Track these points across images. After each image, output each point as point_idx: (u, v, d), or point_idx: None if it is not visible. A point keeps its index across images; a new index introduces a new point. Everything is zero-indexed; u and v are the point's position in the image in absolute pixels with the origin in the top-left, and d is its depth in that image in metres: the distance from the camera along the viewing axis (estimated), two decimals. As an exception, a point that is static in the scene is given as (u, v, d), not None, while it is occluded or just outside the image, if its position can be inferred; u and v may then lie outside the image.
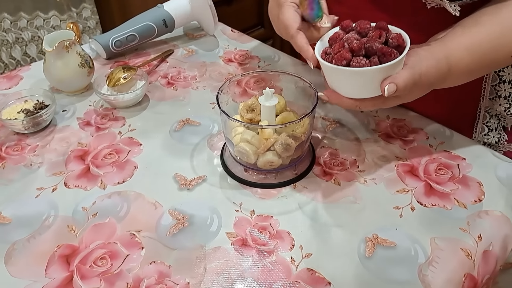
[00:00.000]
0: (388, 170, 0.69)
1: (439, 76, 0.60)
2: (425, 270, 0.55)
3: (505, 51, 0.61)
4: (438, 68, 0.59)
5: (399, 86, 0.55)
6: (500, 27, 0.61)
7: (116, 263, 0.56)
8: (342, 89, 0.59)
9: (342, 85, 0.58)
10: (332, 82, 0.60)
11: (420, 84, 0.58)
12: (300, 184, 0.67)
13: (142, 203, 0.64)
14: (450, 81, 0.63)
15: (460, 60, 0.60)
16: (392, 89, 0.55)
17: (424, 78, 0.58)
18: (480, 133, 0.82)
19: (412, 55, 0.58)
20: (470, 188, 0.65)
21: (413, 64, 0.57)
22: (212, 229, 0.60)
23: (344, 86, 0.58)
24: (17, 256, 0.58)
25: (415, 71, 0.56)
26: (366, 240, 0.58)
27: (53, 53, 0.82)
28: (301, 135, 0.65)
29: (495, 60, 0.62)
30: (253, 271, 0.55)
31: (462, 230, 0.59)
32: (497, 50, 0.61)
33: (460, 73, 0.61)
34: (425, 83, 0.58)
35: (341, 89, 0.59)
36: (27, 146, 0.75)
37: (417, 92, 0.59)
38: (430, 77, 0.58)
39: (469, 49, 0.60)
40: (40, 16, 1.81)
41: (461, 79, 0.64)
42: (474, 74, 0.64)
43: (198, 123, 0.80)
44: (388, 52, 0.54)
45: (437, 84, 0.61)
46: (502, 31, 0.61)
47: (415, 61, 0.57)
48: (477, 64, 0.62)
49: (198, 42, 1.07)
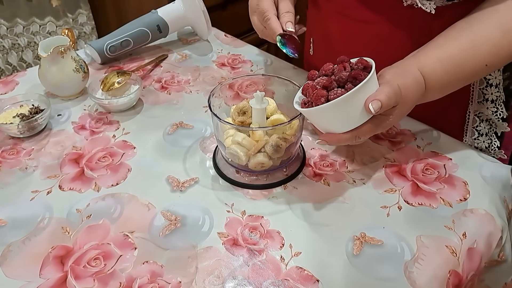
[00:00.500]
0: (376, 170, 0.70)
1: (418, 88, 0.62)
2: (411, 267, 0.56)
3: (478, 61, 0.63)
4: (414, 79, 0.61)
5: (382, 100, 0.56)
6: (471, 39, 0.63)
7: (110, 263, 0.58)
8: (334, 126, 0.60)
9: (332, 122, 0.60)
10: (322, 125, 0.61)
11: (403, 97, 0.59)
12: (290, 185, 0.68)
13: (135, 205, 0.66)
14: (431, 93, 0.64)
15: (432, 71, 0.62)
16: (377, 105, 0.56)
17: (404, 90, 0.59)
18: (470, 137, 0.83)
19: (386, 73, 0.60)
20: (456, 188, 0.67)
21: (389, 79, 0.59)
22: (204, 229, 0.62)
23: (334, 123, 0.60)
24: (12, 257, 0.59)
25: (393, 84, 0.58)
26: (354, 238, 0.60)
27: (48, 58, 0.84)
28: (291, 136, 0.66)
29: (470, 70, 0.64)
30: (243, 270, 0.56)
31: (448, 228, 0.61)
32: (469, 60, 0.63)
33: (437, 84, 0.63)
34: (407, 96, 0.60)
35: (333, 126, 0.60)
36: (22, 150, 0.77)
37: (403, 106, 0.61)
38: (409, 88, 0.60)
39: (442, 60, 0.62)
40: (36, 22, 1.82)
41: (440, 90, 0.65)
42: (452, 84, 0.66)
43: (191, 126, 0.81)
44: (358, 74, 0.57)
45: (419, 97, 0.63)
46: (473, 43, 0.62)
47: (390, 77, 0.60)
48: (451, 75, 0.63)
49: (192, 47, 1.08)
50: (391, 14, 0.73)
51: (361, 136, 0.60)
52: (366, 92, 0.57)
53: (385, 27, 0.75)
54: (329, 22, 0.84)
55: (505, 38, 0.61)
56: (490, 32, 0.62)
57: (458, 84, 0.66)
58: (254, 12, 0.77)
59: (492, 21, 0.62)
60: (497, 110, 0.78)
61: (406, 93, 0.60)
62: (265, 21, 0.72)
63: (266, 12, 0.72)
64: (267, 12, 0.72)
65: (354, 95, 0.56)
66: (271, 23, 0.71)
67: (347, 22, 0.79)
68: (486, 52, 0.62)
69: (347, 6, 0.77)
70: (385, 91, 0.57)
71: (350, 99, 0.56)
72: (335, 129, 0.60)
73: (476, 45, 0.62)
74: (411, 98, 0.61)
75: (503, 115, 0.77)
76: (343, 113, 0.58)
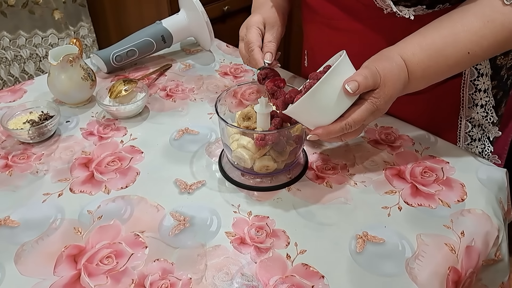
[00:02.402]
0: (377, 173, 0.73)
1: (399, 71, 0.62)
2: (412, 264, 0.59)
3: (460, 48, 0.63)
4: (394, 62, 0.62)
5: (359, 79, 0.58)
6: (451, 26, 0.64)
7: (122, 261, 0.60)
8: (319, 118, 0.60)
9: (316, 114, 0.60)
10: (308, 119, 0.62)
11: (383, 79, 0.60)
12: (294, 187, 0.71)
13: (145, 206, 0.68)
14: (414, 79, 0.64)
15: (412, 54, 0.63)
16: (353, 85, 0.57)
17: (383, 71, 0.60)
18: (463, 142, 0.86)
19: (364, 62, 0.63)
20: (453, 189, 0.69)
21: (367, 64, 0.62)
22: (212, 229, 0.64)
23: (318, 114, 0.60)
24: (26, 256, 0.61)
25: (369, 66, 0.60)
26: (356, 237, 0.62)
27: (58, 66, 0.86)
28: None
29: (453, 58, 0.64)
30: (251, 267, 0.59)
31: (446, 227, 0.63)
32: (450, 46, 0.63)
33: (418, 68, 0.63)
34: (387, 77, 0.61)
35: (319, 118, 0.61)
36: (32, 155, 0.79)
37: (387, 89, 0.61)
38: (388, 70, 0.61)
39: (422, 45, 0.64)
40: (38, 35, 1.85)
41: (423, 75, 0.64)
42: (435, 70, 0.65)
43: (196, 132, 0.84)
44: (324, 71, 0.60)
45: (403, 81, 0.63)
46: (453, 30, 0.63)
47: (368, 63, 0.62)
48: (433, 60, 0.63)
49: (195, 57, 1.11)
50: (374, 24, 0.77)
51: (352, 124, 0.60)
52: (341, 76, 0.58)
53: (370, 35, 0.78)
54: (320, 34, 0.88)
55: (486, 27, 0.62)
56: (470, 21, 0.63)
57: (442, 70, 0.66)
58: (242, 40, 0.82)
59: (473, 12, 0.63)
60: (487, 114, 0.80)
61: (386, 75, 0.61)
62: (250, 52, 0.78)
63: (251, 44, 0.78)
64: (252, 43, 0.78)
65: (329, 80, 0.57)
66: (254, 54, 0.77)
67: (335, 33, 0.83)
68: (466, 40, 0.63)
69: (333, 17, 0.81)
70: (361, 72, 0.59)
71: (325, 85, 0.57)
72: (322, 121, 0.61)
73: (456, 32, 0.63)
74: (392, 80, 0.61)
75: (493, 119, 0.80)
76: (324, 101, 0.59)
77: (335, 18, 0.81)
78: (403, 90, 0.64)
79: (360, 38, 0.79)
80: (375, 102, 0.61)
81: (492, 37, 0.62)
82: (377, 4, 0.71)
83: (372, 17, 0.76)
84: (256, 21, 0.80)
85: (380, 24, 0.76)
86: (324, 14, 0.83)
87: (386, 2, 0.69)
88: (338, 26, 0.81)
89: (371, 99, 0.60)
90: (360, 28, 0.78)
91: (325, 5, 0.81)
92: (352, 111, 0.60)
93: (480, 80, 0.78)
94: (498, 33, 0.62)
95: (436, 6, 0.70)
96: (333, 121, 0.60)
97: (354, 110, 0.60)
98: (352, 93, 0.58)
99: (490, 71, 0.76)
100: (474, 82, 0.78)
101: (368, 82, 0.59)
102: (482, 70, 0.76)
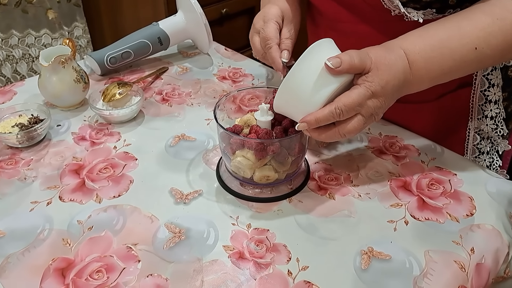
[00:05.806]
0: (382, 185, 0.70)
1: (396, 58, 0.58)
2: (420, 282, 0.55)
3: (466, 42, 0.59)
4: (391, 50, 0.59)
5: (342, 56, 0.55)
6: (456, 20, 0.60)
7: (113, 276, 0.56)
8: (305, 104, 0.57)
9: (301, 101, 0.57)
10: (296, 108, 0.59)
11: (374, 62, 0.57)
12: (295, 198, 0.67)
13: (138, 217, 0.64)
14: (416, 71, 0.60)
15: (413, 44, 0.60)
16: (335, 61, 0.55)
17: (374, 55, 0.57)
18: (471, 155, 0.83)
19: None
20: (462, 203, 0.66)
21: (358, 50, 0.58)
22: (209, 242, 0.61)
23: (303, 100, 0.57)
24: (11, 269, 0.57)
25: (359, 50, 0.57)
26: (361, 252, 0.59)
27: (49, 68, 0.83)
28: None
29: (458, 52, 0.60)
30: (250, 284, 0.55)
31: (455, 243, 0.60)
32: (454, 39, 0.59)
33: (420, 58, 0.59)
34: (380, 62, 0.57)
35: (306, 104, 0.57)
36: (21, 160, 0.75)
37: (381, 73, 0.57)
38: (381, 55, 0.58)
39: (423, 36, 0.60)
40: (31, 34, 1.81)
41: (425, 66, 0.60)
42: (439, 62, 0.60)
43: (193, 138, 0.80)
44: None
45: (401, 69, 0.59)
46: (458, 24, 0.60)
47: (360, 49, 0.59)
48: (436, 50, 0.59)
49: (192, 60, 1.08)
50: (381, 27, 0.73)
51: (342, 108, 0.56)
52: (321, 56, 0.55)
53: (377, 40, 0.75)
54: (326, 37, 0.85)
55: (495, 24, 0.58)
56: (478, 17, 0.60)
57: (447, 65, 0.61)
58: (257, 33, 0.77)
59: (482, 9, 0.60)
60: (497, 127, 0.78)
61: (378, 58, 0.57)
62: (267, 49, 0.73)
63: (269, 40, 0.73)
64: (270, 40, 0.73)
65: (306, 61, 0.55)
66: (272, 52, 0.73)
67: (341, 37, 0.80)
68: (473, 35, 0.59)
69: (339, 19, 0.78)
70: (346, 52, 0.56)
71: (303, 66, 0.55)
72: (308, 107, 0.57)
73: (462, 26, 0.59)
74: (387, 64, 0.57)
75: (503, 132, 0.78)
76: (305, 84, 0.56)
77: (341, 20, 0.78)
78: (404, 81, 0.59)
79: (366, 42, 0.76)
80: (369, 86, 0.57)
81: (502, 35, 0.59)
82: (385, 5, 0.68)
83: (379, 20, 0.73)
84: (275, 14, 0.76)
85: (387, 28, 0.73)
86: (329, 15, 0.80)
87: (394, 2, 0.66)
88: (344, 29, 0.78)
89: (364, 83, 0.57)
90: (366, 31, 0.75)
91: (331, 5, 0.77)
92: (343, 95, 0.57)
93: (491, 90, 0.75)
94: (508, 33, 0.59)
95: (446, 11, 0.67)
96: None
97: (345, 94, 0.57)
98: (334, 69, 0.54)
99: (501, 81, 0.74)
100: (485, 92, 0.76)
101: (353, 60, 0.55)
102: (493, 80, 0.74)
